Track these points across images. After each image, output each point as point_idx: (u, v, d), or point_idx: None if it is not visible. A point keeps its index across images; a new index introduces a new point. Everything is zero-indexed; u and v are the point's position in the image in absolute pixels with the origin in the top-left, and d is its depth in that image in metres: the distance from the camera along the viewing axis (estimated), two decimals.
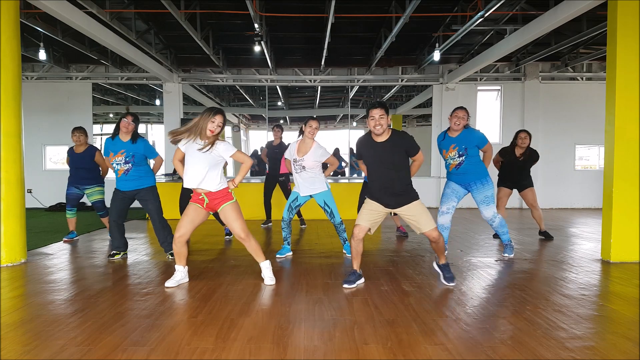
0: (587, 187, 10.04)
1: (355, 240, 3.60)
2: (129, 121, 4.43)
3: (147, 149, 4.55)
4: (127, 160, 4.42)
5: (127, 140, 4.45)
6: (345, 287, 3.60)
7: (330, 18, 6.18)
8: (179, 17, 6.24)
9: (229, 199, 3.60)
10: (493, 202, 4.50)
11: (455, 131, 4.43)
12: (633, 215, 4.52)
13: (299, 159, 4.57)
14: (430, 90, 10.27)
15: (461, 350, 2.40)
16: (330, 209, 4.66)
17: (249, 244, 3.66)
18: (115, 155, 4.41)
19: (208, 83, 10.39)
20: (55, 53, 9.18)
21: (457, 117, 4.37)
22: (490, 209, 4.48)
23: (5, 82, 4.40)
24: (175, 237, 3.57)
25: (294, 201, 4.69)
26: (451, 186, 4.57)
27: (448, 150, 4.47)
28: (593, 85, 10.04)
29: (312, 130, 4.55)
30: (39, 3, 5.00)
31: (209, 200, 3.57)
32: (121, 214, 4.57)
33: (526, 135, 5.61)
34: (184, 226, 3.56)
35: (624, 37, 4.46)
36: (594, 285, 3.74)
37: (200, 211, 3.60)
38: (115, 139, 4.46)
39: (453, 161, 4.46)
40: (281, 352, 2.38)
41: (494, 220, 4.55)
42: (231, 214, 3.58)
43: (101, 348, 2.42)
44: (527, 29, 6.45)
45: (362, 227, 3.57)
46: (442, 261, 3.77)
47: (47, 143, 10.05)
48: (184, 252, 3.65)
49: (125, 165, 4.42)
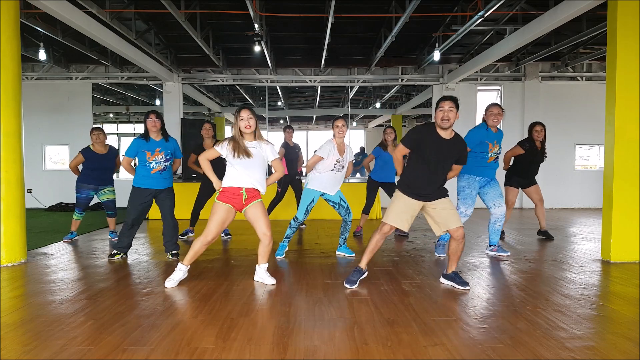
0: (587, 187, 10.04)
1: (383, 236, 3.53)
2: (154, 119, 4.45)
3: (177, 148, 4.68)
4: (168, 158, 4.50)
5: (161, 139, 4.51)
6: (347, 286, 3.60)
7: (330, 18, 6.18)
8: (179, 17, 6.24)
9: (259, 197, 3.66)
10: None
11: (494, 127, 4.54)
12: (633, 215, 4.52)
13: (341, 158, 4.62)
14: (430, 90, 10.27)
15: (461, 350, 2.40)
16: (346, 205, 4.75)
17: (269, 242, 3.64)
18: (154, 155, 4.42)
19: (208, 83, 10.39)
20: (55, 53, 9.18)
21: (497, 114, 4.44)
22: (504, 205, 4.64)
23: (5, 82, 4.40)
24: (208, 239, 3.51)
25: (311, 203, 4.69)
26: (475, 187, 4.57)
27: (494, 146, 4.54)
28: (593, 85, 10.04)
29: (341, 130, 4.56)
30: (39, 3, 5.00)
31: (247, 197, 3.57)
32: (142, 215, 4.58)
33: (541, 128, 5.54)
34: (216, 230, 3.52)
35: (624, 37, 4.46)
36: (594, 285, 3.74)
37: (231, 212, 3.58)
38: (149, 139, 4.45)
39: (493, 155, 4.57)
40: (281, 352, 2.38)
41: (503, 217, 4.65)
42: (262, 210, 3.62)
43: (101, 348, 2.42)
44: (527, 29, 6.45)
45: (393, 228, 3.51)
46: (451, 269, 3.65)
47: (47, 143, 10.05)
48: (199, 254, 3.64)
49: (166, 164, 4.49)
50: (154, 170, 4.43)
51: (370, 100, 15.05)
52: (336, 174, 4.65)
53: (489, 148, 4.52)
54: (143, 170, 4.45)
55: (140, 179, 4.46)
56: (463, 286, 3.57)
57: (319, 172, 4.62)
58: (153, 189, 4.49)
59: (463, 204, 4.59)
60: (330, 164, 4.57)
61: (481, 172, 4.57)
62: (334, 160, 4.57)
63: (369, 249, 3.60)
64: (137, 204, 4.47)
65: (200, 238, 3.54)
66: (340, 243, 4.91)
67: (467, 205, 4.57)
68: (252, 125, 3.52)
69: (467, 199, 4.56)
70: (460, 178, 4.61)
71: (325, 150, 4.57)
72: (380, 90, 13.19)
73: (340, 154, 4.60)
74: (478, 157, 4.53)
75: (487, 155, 4.54)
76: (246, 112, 3.51)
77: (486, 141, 4.50)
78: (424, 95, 11.92)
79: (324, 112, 15.29)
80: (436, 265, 4.41)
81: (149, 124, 4.43)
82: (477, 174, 4.57)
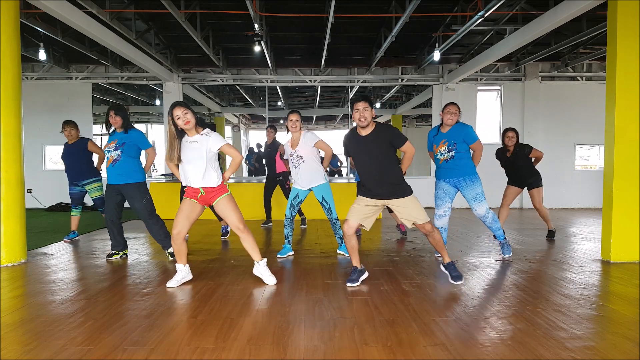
0: (587, 187, 10.04)
1: (347, 236, 3.61)
2: (112, 115, 4.48)
3: (140, 139, 4.58)
4: (117, 146, 4.45)
5: (121, 131, 4.55)
6: (349, 286, 3.61)
7: (330, 18, 6.18)
8: (179, 17, 6.24)
9: (224, 192, 3.60)
10: (484, 198, 4.46)
11: (447, 126, 4.42)
12: (633, 215, 4.52)
13: (293, 151, 4.67)
14: (430, 90, 10.27)
15: (461, 350, 2.40)
16: (328, 205, 4.72)
17: (246, 236, 3.62)
18: (109, 144, 4.49)
19: (208, 83, 10.39)
20: (55, 53, 9.18)
21: (449, 112, 4.34)
22: (483, 206, 4.44)
23: (5, 82, 4.40)
24: (173, 234, 3.55)
25: (295, 198, 4.74)
26: (442, 187, 4.53)
27: (439, 145, 4.46)
28: (593, 85, 10.03)
29: (293, 124, 4.64)
30: (39, 3, 5.00)
31: (205, 193, 3.55)
32: (116, 211, 4.58)
33: (513, 135, 5.56)
34: (180, 223, 3.54)
35: (624, 37, 4.45)
36: (594, 285, 3.74)
37: (196, 206, 3.59)
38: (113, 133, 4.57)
39: (442, 156, 4.45)
40: (281, 352, 2.38)
41: (487, 217, 4.48)
42: (227, 206, 3.57)
43: (101, 348, 2.42)
44: (527, 29, 6.45)
45: (350, 224, 3.58)
46: (446, 260, 3.75)
47: (47, 143, 10.04)
48: (183, 250, 3.64)
49: (115, 153, 4.44)
50: (109, 160, 4.49)
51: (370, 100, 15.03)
52: (300, 167, 4.64)
53: (434, 149, 4.51)
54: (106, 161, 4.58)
55: (107, 172, 4.57)
56: (455, 280, 3.66)
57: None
58: (112, 184, 4.51)
59: (435, 205, 4.61)
60: (290, 160, 4.72)
61: (438, 174, 4.56)
62: (289, 156, 4.73)
63: (348, 251, 3.74)
64: (106, 200, 4.59)
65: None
66: (339, 242, 4.91)
67: (437, 205, 4.57)
68: (190, 119, 3.43)
69: (436, 200, 4.58)
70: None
71: (285, 145, 4.84)
72: (380, 90, 13.20)
73: (292, 147, 4.68)
74: (435, 159, 4.57)
75: (436, 157, 4.51)
76: (180, 109, 3.40)
77: (432, 143, 4.53)
78: (424, 95, 11.92)
79: (324, 112, 15.29)
80: (436, 265, 4.41)
81: (110, 121, 4.51)
82: (437, 177, 4.58)
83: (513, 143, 5.59)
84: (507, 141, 5.60)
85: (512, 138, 5.57)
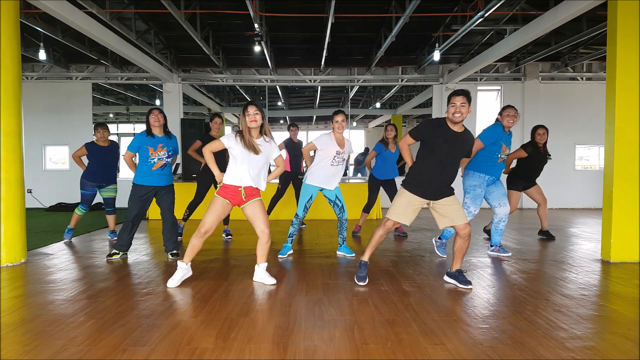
0: (587, 187, 10.04)
1: (386, 231, 3.57)
2: (157, 114, 4.48)
3: (177, 145, 4.71)
4: (170, 154, 4.53)
5: (163, 135, 4.54)
6: (361, 284, 3.64)
7: (330, 18, 6.18)
8: (179, 17, 6.24)
9: (258, 195, 3.68)
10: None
11: (508, 129, 4.56)
12: (633, 215, 4.52)
13: (342, 151, 4.63)
14: (430, 90, 10.27)
15: (461, 350, 2.40)
16: (341, 204, 4.75)
17: (267, 240, 3.67)
18: (156, 150, 4.45)
19: (208, 83, 10.39)
20: (55, 53, 9.17)
21: (513, 115, 4.46)
22: (508, 205, 4.66)
23: (5, 82, 4.40)
24: (201, 232, 3.52)
25: (309, 200, 4.71)
26: (483, 187, 4.54)
27: (506, 147, 4.58)
28: (593, 85, 10.04)
29: (340, 124, 4.58)
30: (39, 3, 5.00)
31: (246, 195, 3.59)
32: (143, 213, 4.59)
33: (544, 131, 5.58)
34: (211, 222, 3.54)
35: (624, 37, 4.46)
36: (594, 285, 3.74)
37: (228, 206, 3.61)
38: (151, 135, 4.47)
39: (503, 156, 4.59)
40: (281, 352, 2.38)
41: (503, 220, 4.66)
42: (260, 208, 3.65)
43: (101, 348, 2.42)
44: (527, 29, 6.45)
45: (396, 223, 3.54)
46: (456, 267, 3.66)
47: (47, 143, 10.05)
48: (198, 248, 3.63)
49: (167, 160, 4.52)
50: (155, 166, 4.46)
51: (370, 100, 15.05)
52: (336, 168, 4.65)
53: (502, 149, 4.53)
54: (144, 167, 4.46)
55: (141, 175, 4.48)
56: (465, 285, 3.58)
57: (317, 167, 4.63)
58: (153, 186, 4.50)
59: (473, 203, 4.53)
60: (330, 156, 4.57)
61: (490, 171, 4.55)
62: (333, 152, 4.57)
63: (371, 243, 3.65)
64: (137, 201, 4.49)
65: (195, 233, 3.56)
66: (340, 243, 4.91)
67: (477, 205, 4.53)
68: (258, 120, 3.52)
69: (477, 199, 4.52)
70: (469, 176, 4.55)
71: (322, 141, 4.58)
72: (380, 90, 13.20)
73: (340, 147, 4.62)
74: (490, 155, 4.51)
75: (499, 155, 4.54)
76: (252, 108, 3.52)
77: (500, 141, 4.50)
78: (424, 96, 11.92)
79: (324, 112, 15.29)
80: (436, 265, 4.42)
81: (151, 119, 4.46)
82: (486, 173, 4.53)
83: (544, 140, 5.56)
84: (539, 139, 5.54)
85: (544, 135, 5.54)
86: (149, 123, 4.48)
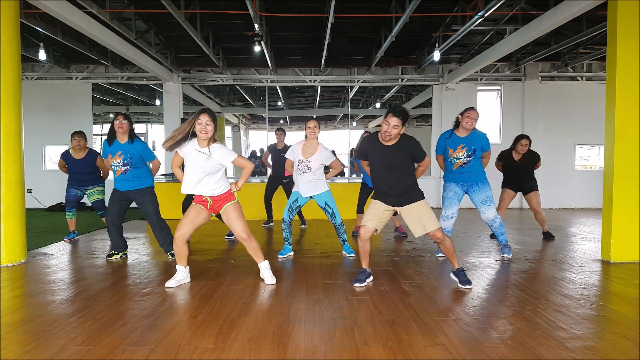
0: (587, 187, 10.04)
1: (362, 240, 3.64)
2: (121, 121, 4.41)
3: (145, 151, 4.51)
4: (125, 162, 4.41)
5: (125, 142, 4.44)
6: (356, 286, 3.62)
7: (330, 18, 6.18)
8: (179, 17, 6.24)
9: (231, 200, 3.62)
10: (493, 202, 4.50)
11: (466, 131, 4.37)
12: (633, 215, 4.52)
13: (305, 160, 4.55)
14: (430, 90, 10.27)
15: (461, 350, 2.40)
16: (331, 210, 4.66)
17: (249, 244, 3.68)
18: (114, 158, 4.41)
19: (208, 83, 10.39)
20: (55, 53, 9.17)
21: (470, 117, 4.30)
22: (492, 210, 4.49)
23: (5, 82, 4.40)
24: (176, 236, 3.57)
25: (295, 202, 4.68)
26: (453, 189, 4.52)
27: (456, 150, 4.41)
28: (593, 85, 10.03)
29: (312, 130, 4.57)
30: (39, 3, 5.00)
31: (212, 202, 3.58)
32: (119, 215, 4.57)
33: (527, 142, 5.62)
34: (184, 226, 3.56)
35: (624, 37, 4.45)
36: (594, 285, 3.74)
37: (202, 212, 3.61)
38: (113, 142, 4.44)
39: (459, 160, 4.41)
40: (281, 352, 2.38)
41: (495, 221, 4.54)
42: (233, 214, 3.59)
43: (101, 348, 2.42)
44: (527, 29, 6.45)
45: (368, 228, 3.60)
46: (455, 266, 3.69)
47: (47, 143, 10.05)
48: (184, 252, 3.65)
49: (124, 167, 4.42)
50: (117, 172, 4.45)
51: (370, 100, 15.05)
52: (304, 176, 4.56)
53: (449, 154, 4.46)
54: (113, 172, 4.52)
55: (114, 179, 4.52)
56: (464, 285, 3.58)
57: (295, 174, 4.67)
58: (121, 190, 4.49)
59: (443, 206, 4.59)
60: (295, 165, 4.59)
61: (450, 177, 4.53)
62: (296, 161, 4.59)
63: (359, 254, 3.75)
64: (111, 202, 4.55)
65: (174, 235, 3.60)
66: (341, 244, 4.91)
67: (446, 207, 4.54)
68: (209, 131, 3.39)
69: (445, 201, 4.56)
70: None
71: (291, 149, 4.67)
72: (380, 90, 13.18)
73: (304, 155, 4.55)
74: (447, 162, 4.55)
75: (450, 161, 4.47)
76: (205, 117, 3.37)
77: (447, 147, 4.47)
78: (424, 96, 11.91)
79: (324, 112, 15.27)
80: (436, 265, 4.42)
81: (115, 125, 4.40)
82: (448, 180, 4.56)
83: (525, 151, 5.64)
84: (520, 149, 5.63)
85: (526, 146, 5.63)
86: (112, 129, 4.42)
